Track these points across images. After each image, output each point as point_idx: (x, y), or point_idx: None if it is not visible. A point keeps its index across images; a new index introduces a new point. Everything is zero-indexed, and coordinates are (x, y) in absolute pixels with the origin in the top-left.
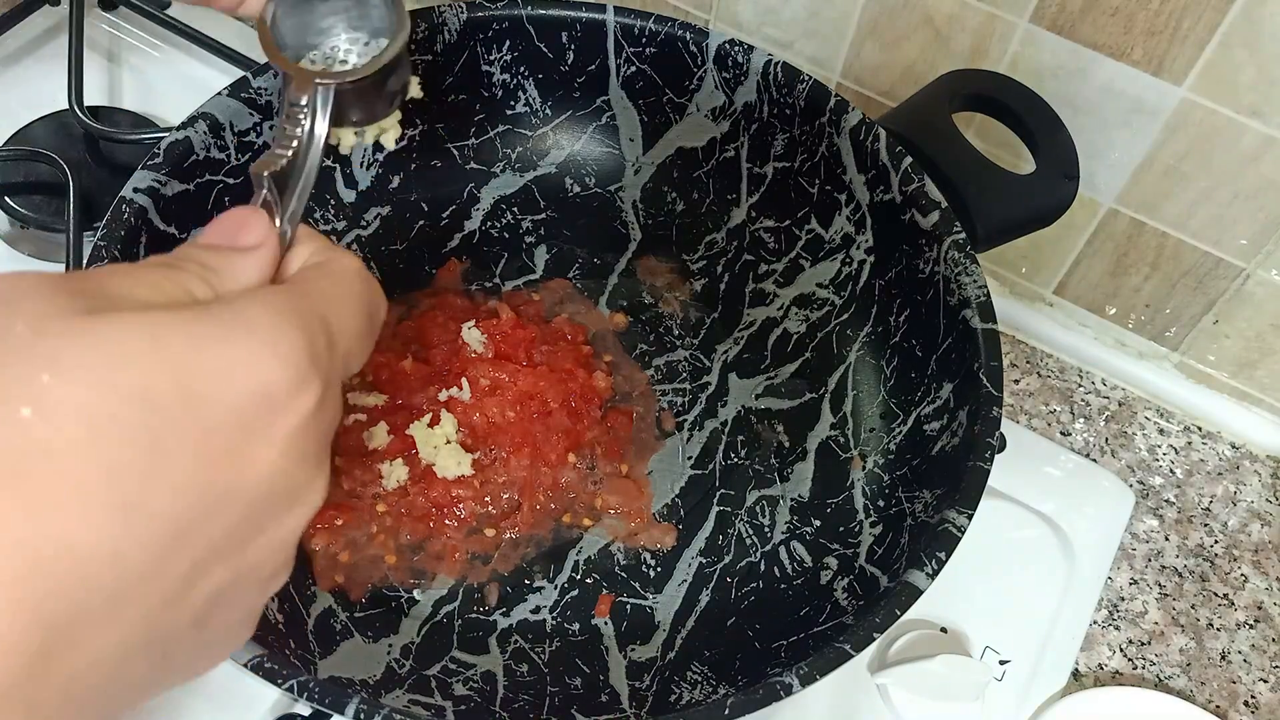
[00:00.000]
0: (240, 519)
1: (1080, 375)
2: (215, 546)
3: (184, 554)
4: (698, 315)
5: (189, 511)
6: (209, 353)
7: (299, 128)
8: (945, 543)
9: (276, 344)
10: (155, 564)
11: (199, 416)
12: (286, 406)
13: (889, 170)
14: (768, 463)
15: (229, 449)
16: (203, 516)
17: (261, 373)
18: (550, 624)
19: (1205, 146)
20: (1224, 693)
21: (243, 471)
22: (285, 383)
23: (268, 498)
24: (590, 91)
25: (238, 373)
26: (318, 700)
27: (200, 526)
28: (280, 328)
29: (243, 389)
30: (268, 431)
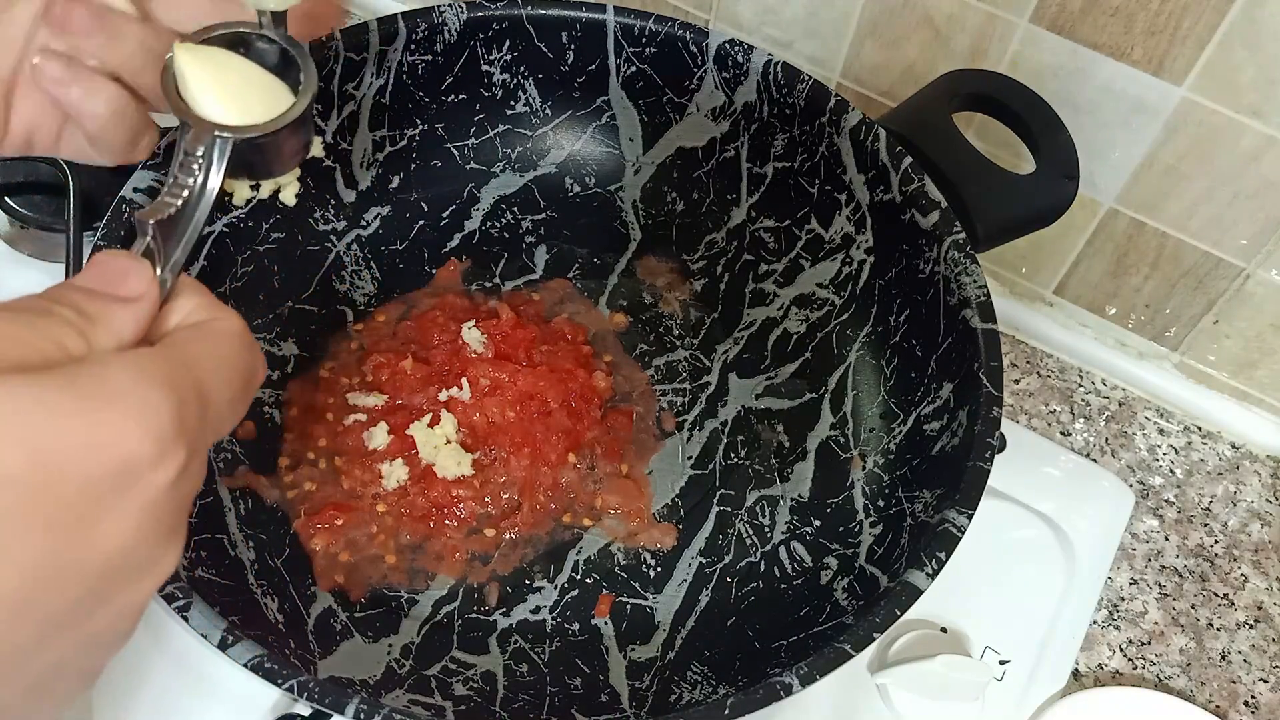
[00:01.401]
0: (86, 592)
1: (1080, 375)
2: (56, 619)
3: (23, 629)
4: (698, 315)
5: (32, 587)
6: (69, 426)
7: (191, 177)
8: (945, 543)
9: (143, 414)
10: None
11: (51, 492)
12: (145, 479)
13: (889, 170)
14: (768, 463)
15: (79, 523)
16: (46, 591)
17: (123, 446)
18: (550, 624)
19: (1205, 146)
20: (1224, 693)
21: (92, 545)
22: (147, 456)
23: (117, 570)
24: (590, 91)
25: (97, 446)
26: (318, 700)
27: (42, 601)
28: (148, 398)
29: (101, 463)
30: (122, 505)
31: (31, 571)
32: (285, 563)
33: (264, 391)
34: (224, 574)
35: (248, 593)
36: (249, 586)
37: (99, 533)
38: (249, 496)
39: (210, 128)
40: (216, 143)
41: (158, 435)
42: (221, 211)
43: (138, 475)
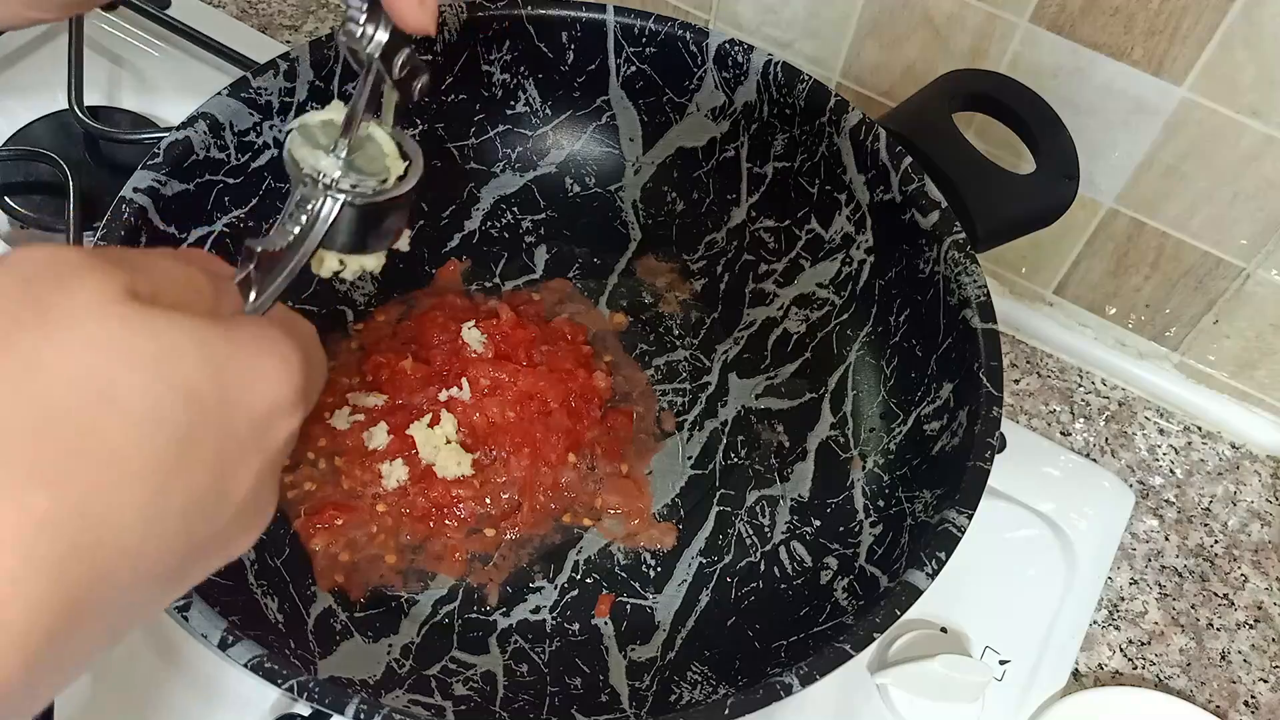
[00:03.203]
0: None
1: (1080, 375)
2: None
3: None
4: (698, 315)
5: (193, 516)
6: (243, 361)
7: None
8: (945, 543)
9: (289, 367)
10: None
11: (226, 421)
12: (278, 428)
13: (889, 170)
14: (768, 463)
15: (237, 457)
16: (200, 523)
17: (275, 392)
18: (550, 624)
19: (1205, 146)
20: (1224, 693)
21: (239, 481)
22: (286, 405)
23: (243, 511)
24: (590, 91)
25: (261, 384)
26: (318, 700)
27: (196, 532)
28: (291, 354)
29: (261, 400)
30: (260, 451)
31: (199, 497)
32: (285, 563)
33: None
34: (224, 574)
35: (248, 593)
36: (249, 586)
37: (243, 472)
38: None
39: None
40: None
41: (295, 388)
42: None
43: (276, 423)
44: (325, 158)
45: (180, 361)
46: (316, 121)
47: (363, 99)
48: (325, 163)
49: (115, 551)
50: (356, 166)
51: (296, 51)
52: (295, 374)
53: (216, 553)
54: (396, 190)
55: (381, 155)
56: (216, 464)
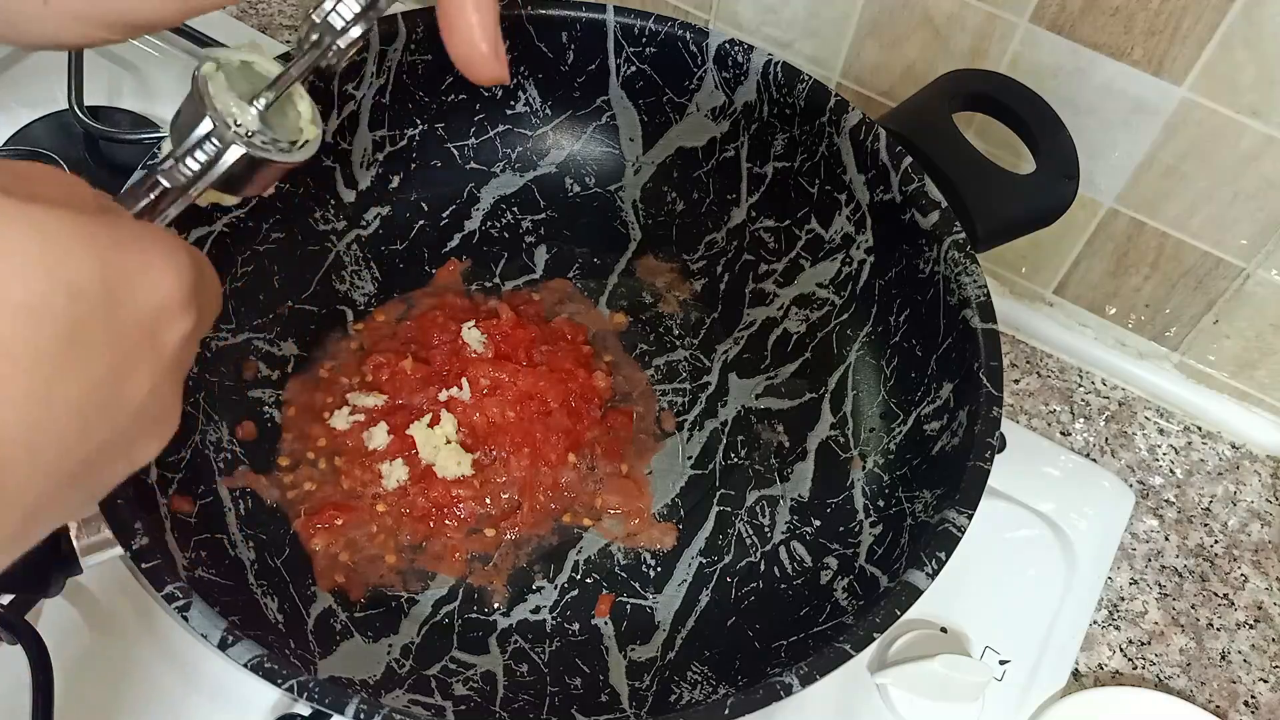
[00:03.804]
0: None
1: (1080, 375)
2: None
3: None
4: (698, 315)
5: (88, 412)
6: (129, 256)
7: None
8: (945, 543)
9: (178, 265)
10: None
11: (113, 316)
12: (172, 327)
13: (889, 170)
14: (768, 463)
15: (128, 355)
16: (96, 421)
17: (165, 285)
18: (550, 624)
19: (1205, 146)
20: (1224, 693)
21: (133, 381)
22: (178, 302)
23: (142, 415)
24: (590, 91)
25: (148, 280)
26: (318, 700)
27: (92, 431)
28: (179, 254)
29: (149, 297)
30: (157, 345)
31: (91, 395)
32: (285, 563)
33: (264, 391)
34: (224, 574)
35: (248, 593)
36: (249, 586)
37: (137, 372)
38: (249, 496)
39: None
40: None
41: (187, 286)
42: (220, 211)
43: (169, 321)
44: (248, 110)
45: (62, 255)
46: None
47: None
48: (247, 117)
49: (7, 443)
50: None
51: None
52: (185, 272)
53: (120, 457)
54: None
55: (298, 118)
56: (107, 360)
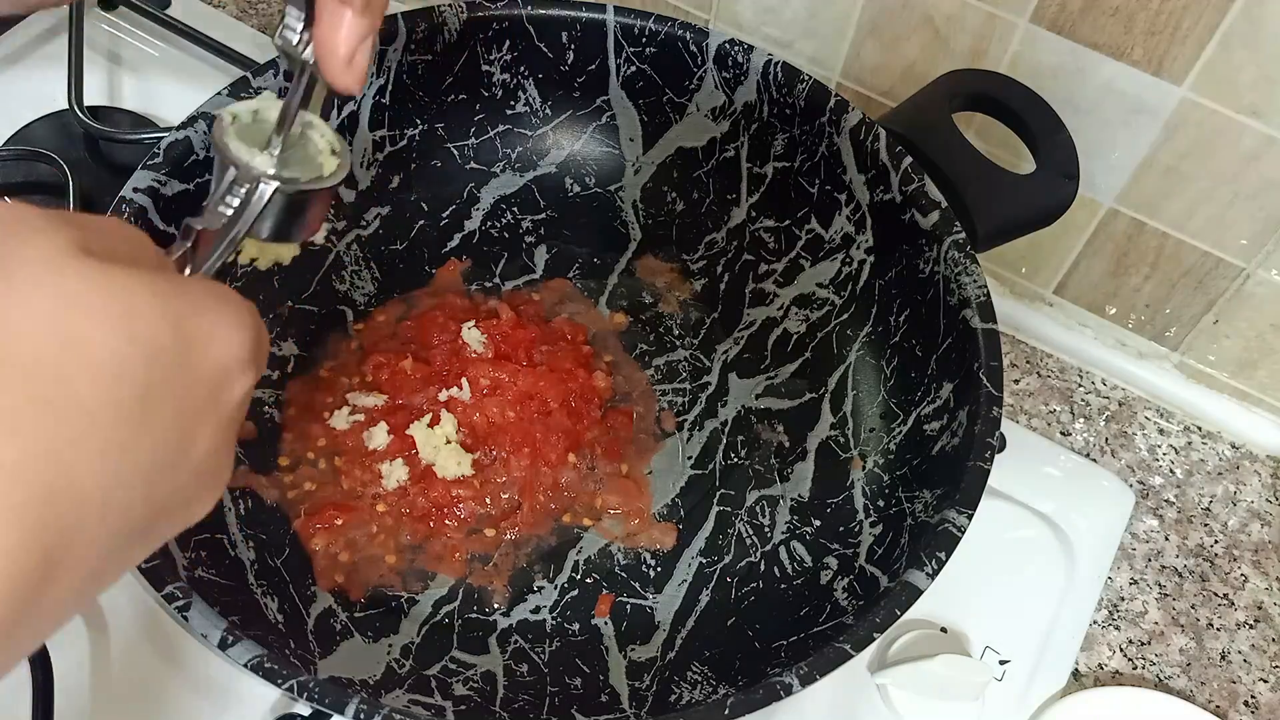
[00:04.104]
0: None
1: (1080, 375)
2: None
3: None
4: (698, 315)
5: (156, 472)
6: (202, 317)
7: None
8: (945, 543)
9: (242, 325)
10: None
11: (185, 376)
12: (234, 386)
13: (889, 170)
14: (768, 463)
15: (196, 414)
16: (161, 479)
17: (232, 344)
18: (550, 624)
19: (1205, 146)
20: (1224, 693)
21: (198, 439)
22: (239, 363)
23: (200, 471)
24: (590, 91)
25: (217, 340)
26: (318, 700)
27: (157, 489)
28: (243, 313)
29: (218, 357)
30: (220, 403)
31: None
32: (285, 563)
33: (264, 391)
34: (224, 574)
35: (248, 593)
36: (249, 586)
37: (202, 430)
38: (249, 496)
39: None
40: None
41: (250, 347)
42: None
43: (231, 381)
44: (259, 155)
45: (141, 316)
46: (246, 111)
47: (296, 99)
48: (259, 160)
49: (83, 501)
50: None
51: None
52: (248, 331)
53: (178, 512)
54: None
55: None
56: (177, 420)
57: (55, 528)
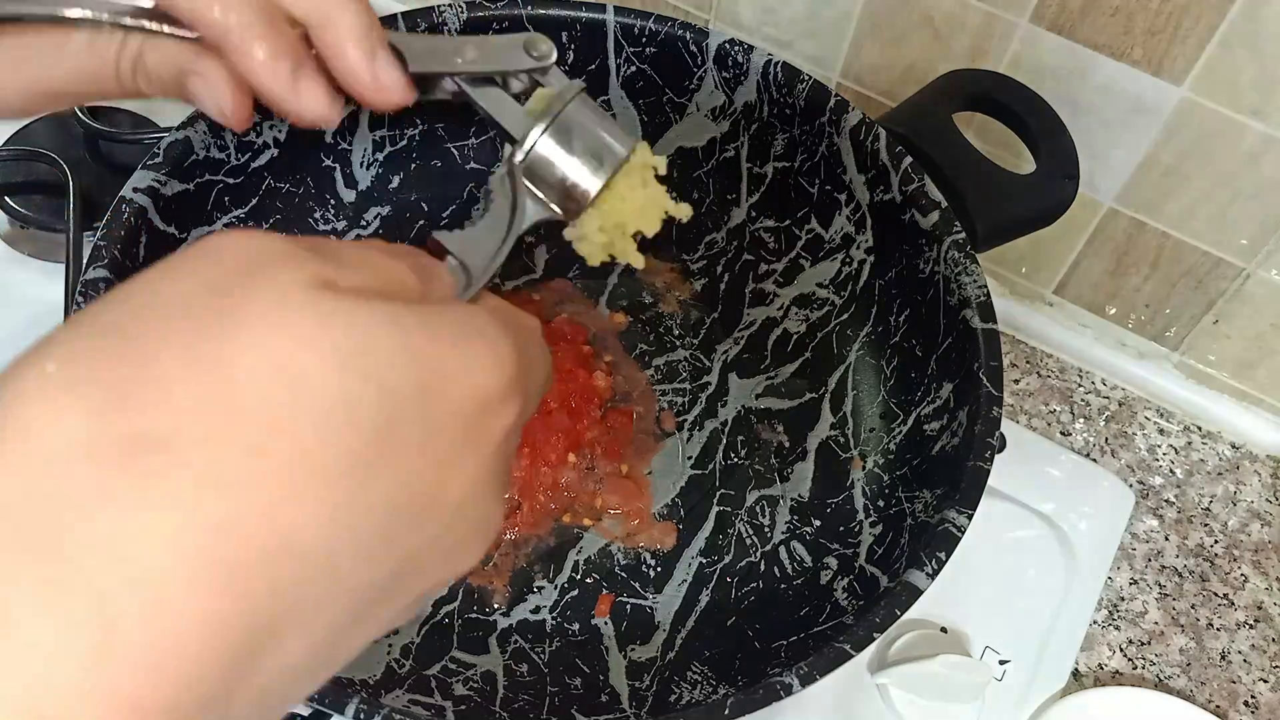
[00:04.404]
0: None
1: (1080, 375)
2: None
3: (382, 567)
4: (698, 315)
5: (396, 521)
6: (445, 350)
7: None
8: (945, 543)
9: (499, 354)
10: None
11: (428, 414)
12: (493, 420)
13: (889, 170)
14: (768, 463)
15: (444, 454)
16: (406, 529)
17: (485, 378)
18: (550, 624)
19: (1205, 146)
20: (1224, 693)
21: (450, 482)
22: (498, 394)
23: (460, 517)
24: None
25: (466, 374)
26: (317, 700)
27: (401, 540)
28: (501, 341)
29: (468, 391)
30: (473, 445)
31: (400, 497)
32: None
33: None
34: None
35: None
36: None
37: (455, 472)
38: None
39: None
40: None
41: (509, 376)
42: None
43: (490, 414)
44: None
45: (374, 351)
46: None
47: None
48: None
49: (303, 560)
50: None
51: None
52: (506, 362)
53: (435, 567)
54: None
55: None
56: (420, 463)
57: (272, 593)
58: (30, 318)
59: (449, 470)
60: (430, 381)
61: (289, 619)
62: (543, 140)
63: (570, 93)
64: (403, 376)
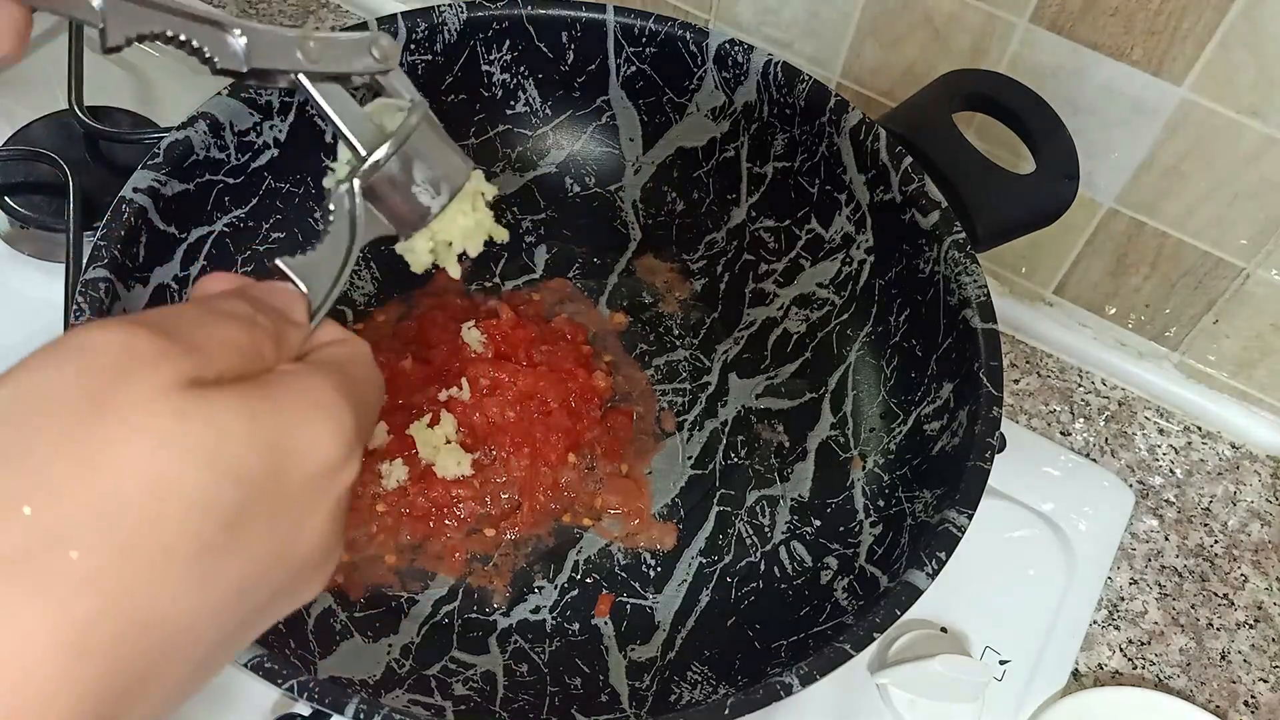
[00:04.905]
0: (284, 585)
1: (1080, 375)
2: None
3: (236, 619)
4: (698, 315)
5: (252, 579)
6: (293, 431)
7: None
8: (945, 543)
9: (339, 423)
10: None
11: (278, 490)
12: (337, 480)
13: (889, 170)
14: (768, 463)
15: (294, 521)
16: (258, 587)
17: (328, 449)
18: (550, 624)
19: (1205, 146)
20: (1224, 693)
21: (299, 541)
22: (339, 458)
23: (307, 566)
24: (590, 91)
25: (311, 450)
26: (318, 700)
27: (254, 596)
28: (341, 409)
29: (314, 464)
30: (321, 504)
31: (254, 564)
32: None
33: None
34: None
35: None
36: None
37: (305, 529)
38: None
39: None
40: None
41: (348, 440)
42: (236, 217)
43: (334, 476)
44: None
45: (230, 445)
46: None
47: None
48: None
49: (165, 631)
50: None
51: None
52: (345, 429)
53: (281, 606)
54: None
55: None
56: (270, 533)
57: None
58: (30, 318)
59: (296, 532)
60: (279, 463)
61: (152, 676)
62: (390, 163)
63: (416, 114)
64: (255, 464)
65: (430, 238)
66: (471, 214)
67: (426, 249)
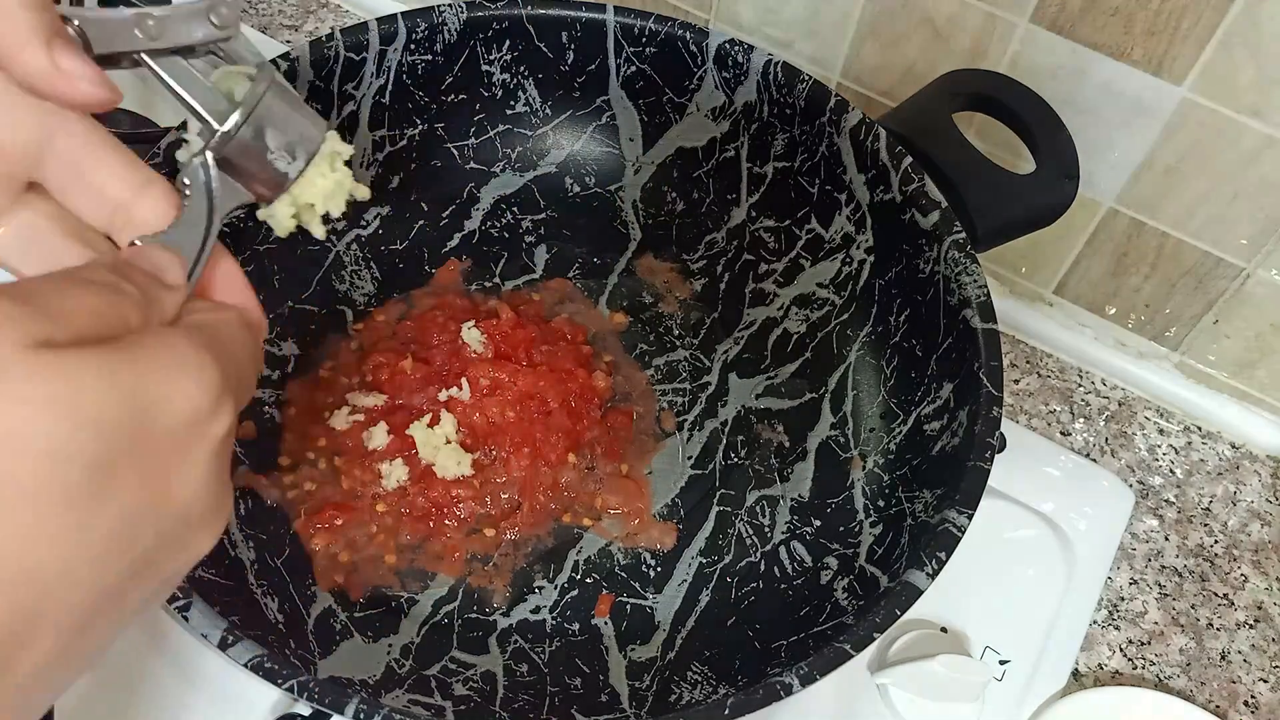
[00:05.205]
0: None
1: (1080, 375)
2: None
3: (117, 569)
4: (698, 315)
5: (126, 531)
6: (153, 380)
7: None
8: (945, 543)
9: (202, 376)
10: (97, 581)
11: (144, 440)
12: (207, 430)
13: (889, 170)
14: (768, 463)
15: (164, 468)
16: (136, 535)
17: (191, 399)
18: (550, 624)
19: (1205, 146)
20: (1224, 693)
21: (171, 493)
22: (207, 407)
23: (189, 514)
24: (590, 91)
25: (172, 400)
26: (318, 700)
27: (134, 544)
28: (203, 360)
29: (178, 414)
30: (192, 455)
31: (130, 513)
32: (285, 563)
33: (264, 391)
34: (224, 574)
35: (248, 593)
36: (249, 586)
37: (177, 481)
38: (249, 496)
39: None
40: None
41: (212, 392)
42: None
43: (202, 425)
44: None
45: (87, 396)
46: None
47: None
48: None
49: (42, 580)
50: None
51: (297, 51)
52: (208, 381)
53: (173, 554)
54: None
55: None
56: (141, 480)
57: (16, 611)
58: None
59: (170, 480)
60: (140, 413)
61: (35, 627)
62: (241, 132)
63: (263, 81)
64: (114, 415)
65: (291, 203)
66: (330, 175)
67: (288, 214)
